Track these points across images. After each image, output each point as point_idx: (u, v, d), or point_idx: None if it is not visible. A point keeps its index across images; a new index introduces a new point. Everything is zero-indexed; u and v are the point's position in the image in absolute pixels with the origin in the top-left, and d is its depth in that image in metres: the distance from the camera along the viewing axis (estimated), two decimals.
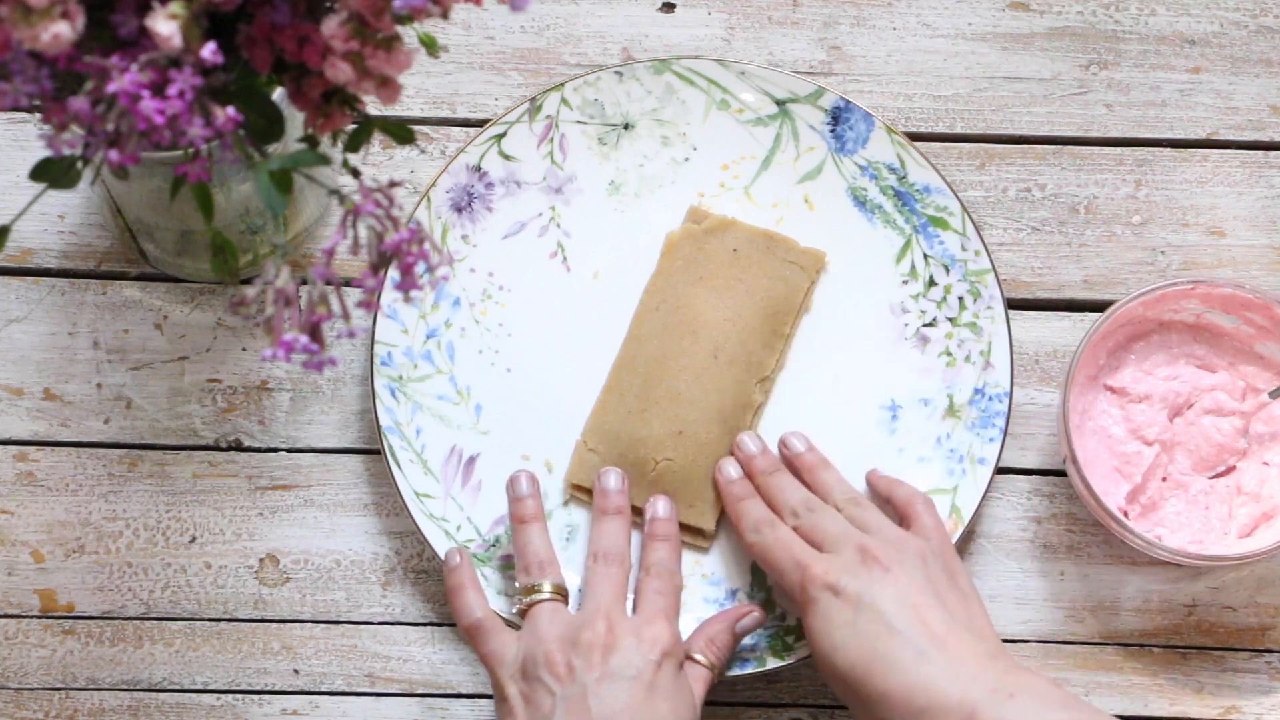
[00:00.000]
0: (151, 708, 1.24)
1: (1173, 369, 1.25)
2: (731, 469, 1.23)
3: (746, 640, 1.23)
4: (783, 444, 1.23)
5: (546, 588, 1.19)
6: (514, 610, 1.20)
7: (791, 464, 1.23)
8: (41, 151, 0.95)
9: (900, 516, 1.21)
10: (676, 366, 1.24)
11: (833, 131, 1.27)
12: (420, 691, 1.25)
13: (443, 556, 1.22)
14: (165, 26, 0.90)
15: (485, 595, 1.21)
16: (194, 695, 1.25)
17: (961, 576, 1.17)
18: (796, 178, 1.28)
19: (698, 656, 1.19)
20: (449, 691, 1.25)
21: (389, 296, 1.25)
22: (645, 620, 1.17)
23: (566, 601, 1.20)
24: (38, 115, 0.95)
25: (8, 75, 0.92)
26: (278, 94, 1.02)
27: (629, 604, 1.20)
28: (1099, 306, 1.28)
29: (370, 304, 1.00)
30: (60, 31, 0.89)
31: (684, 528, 1.24)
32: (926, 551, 1.16)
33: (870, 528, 1.18)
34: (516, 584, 1.20)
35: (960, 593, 1.15)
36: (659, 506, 1.22)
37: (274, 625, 1.25)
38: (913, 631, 1.11)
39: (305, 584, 1.26)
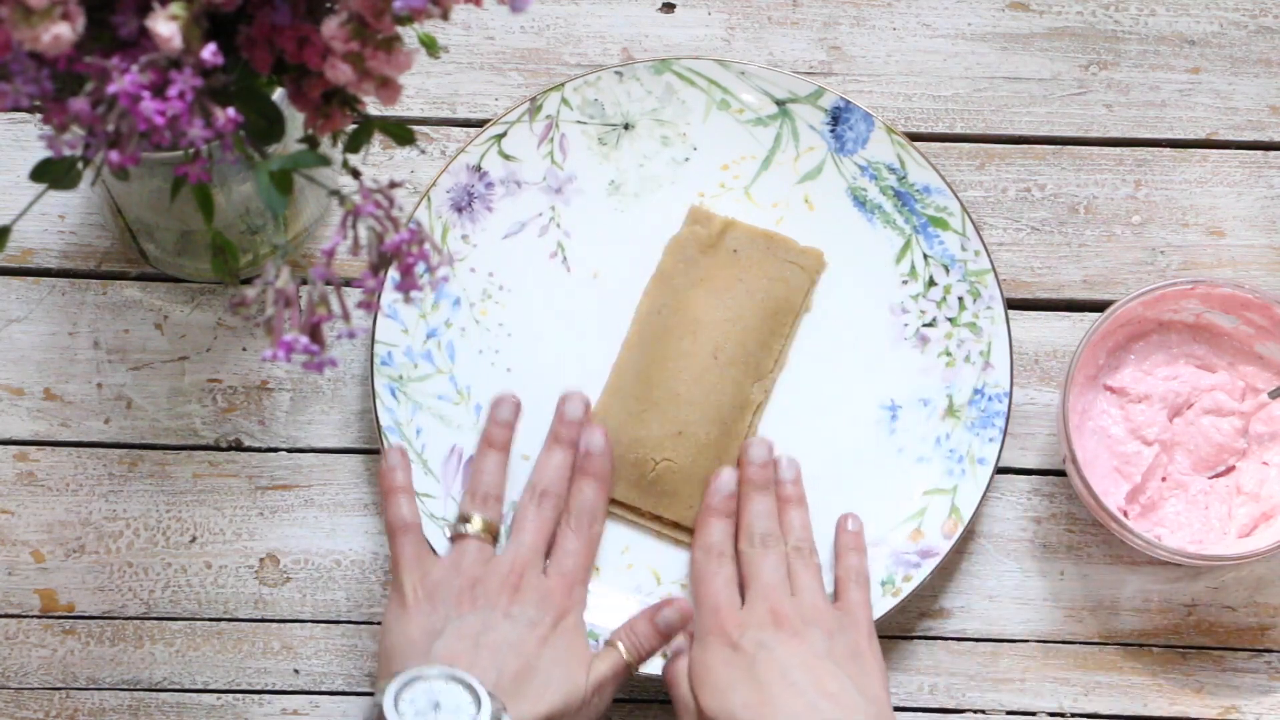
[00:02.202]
0: (151, 708, 1.25)
1: (1172, 369, 1.25)
2: (726, 482, 1.23)
3: None
4: (775, 462, 1.24)
5: (477, 523, 1.20)
6: (445, 534, 1.22)
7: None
8: (42, 152, 0.95)
9: (836, 587, 1.22)
10: (676, 367, 1.24)
11: (833, 131, 1.27)
12: None
13: (383, 454, 1.22)
14: (165, 27, 0.90)
15: (418, 505, 1.21)
16: (194, 695, 1.25)
17: (868, 656, 1.19)
18: (796, 178, 1.28)
19: (617, 643, 1.20)
20: None
21: (389, 297, 1.25)
22: (552, 588, 1.19)
23: (494, 541, 1.21)
24: (38, 116, 0.95)
25: (8, 76, 0.92)
26: (278, 95, 1.02)
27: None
28: (1099, 306, 1.28)
29: (370, 304, 1.00)
30: (60, 32, 0.89)
31: (683, 529, 1.25)
32: (835, 628, 1.19)
33: (799, 589, 1.20)
34: (457, 505, 1.22)
35: (860, 665, 1.18)
36: (595, 440, 1.23)
37: (274, 625, 1.25)
38: (807, 685, 1.15)
39: (305, 584, 1.26)
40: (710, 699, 1.16)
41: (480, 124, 1.29)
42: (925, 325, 1.27)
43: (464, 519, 1.21)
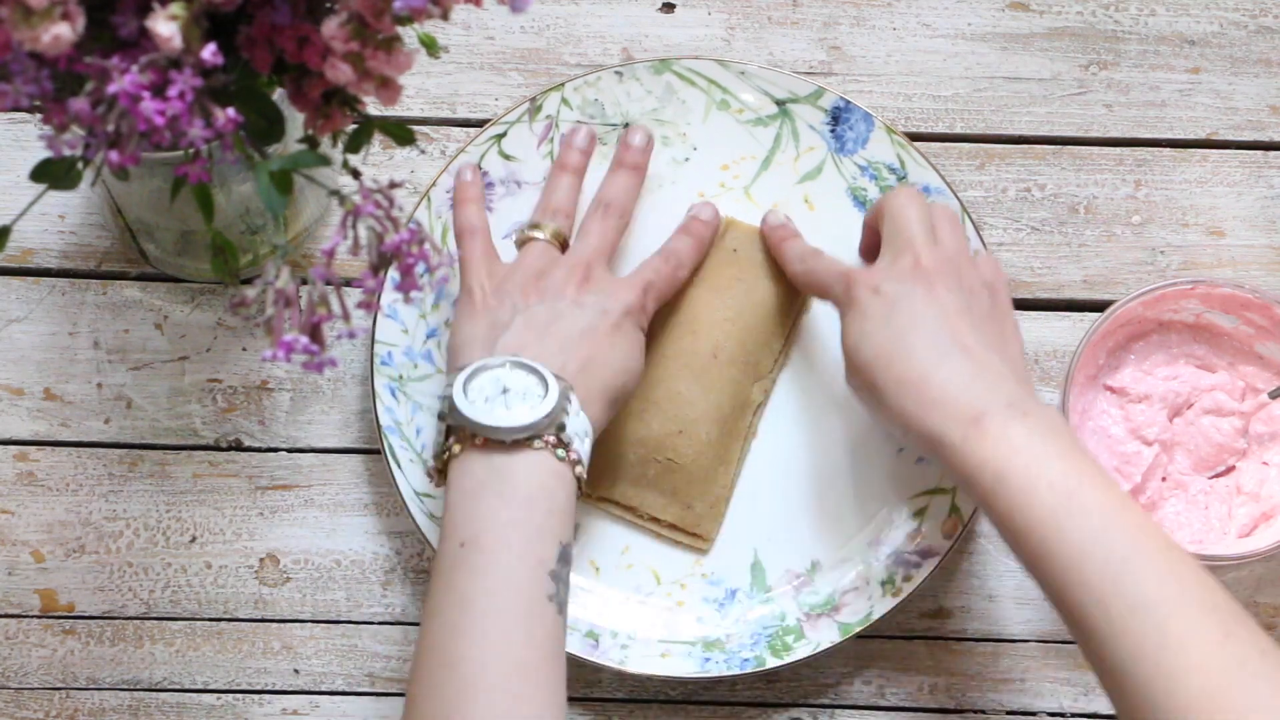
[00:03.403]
0: (151, 708, 1.25)
1: (1172, 369, 1.25)
2: (776, 215, 1.25)
3: (746, 640, 1.23)
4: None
5: (548, 230, 1.21)
6: (512, 238, 1.24)
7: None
8: (42, 152, 0.95)
9: None
10: (676, 366, 1.24)
11: (833, 131, 1.27)
12: None
13: (457, 172, 1.24)
14: (165, 27, 0.90)
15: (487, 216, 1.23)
16: (194, 695, 1.25)
17: (1008, 318, 1.16)
18: (796, 178, 1.28)
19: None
20: None
21: (389, 297, 1.25)
22: (621, 283, 1.19)
23: (563, 249, 1.21)
24: (38, 116, 0.95)
25: (8, 76, 0.92)
26: (278, 95, 1.02)
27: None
28: (1099, 306, 1.28)
29: (370, 304, 1.00)
30: (60, 33, 0.89)
31: (681, 530, 1.25)
32: (978, 283, 1.16)
33: (941, 238, 1.17)
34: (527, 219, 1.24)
35: (1000, 327, 1.15)
36: (635, 135, 1.25)
37: (274, 625, 1.25)
38: (942, 334, 1.12)
39: (305, 584, 1.26)
40: (848, 355, 1.14)
41: (480, 124, 1.29)
42: None
43: (535, 226, 1.21)
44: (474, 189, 1.24)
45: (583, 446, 1.11)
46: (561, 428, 1.10)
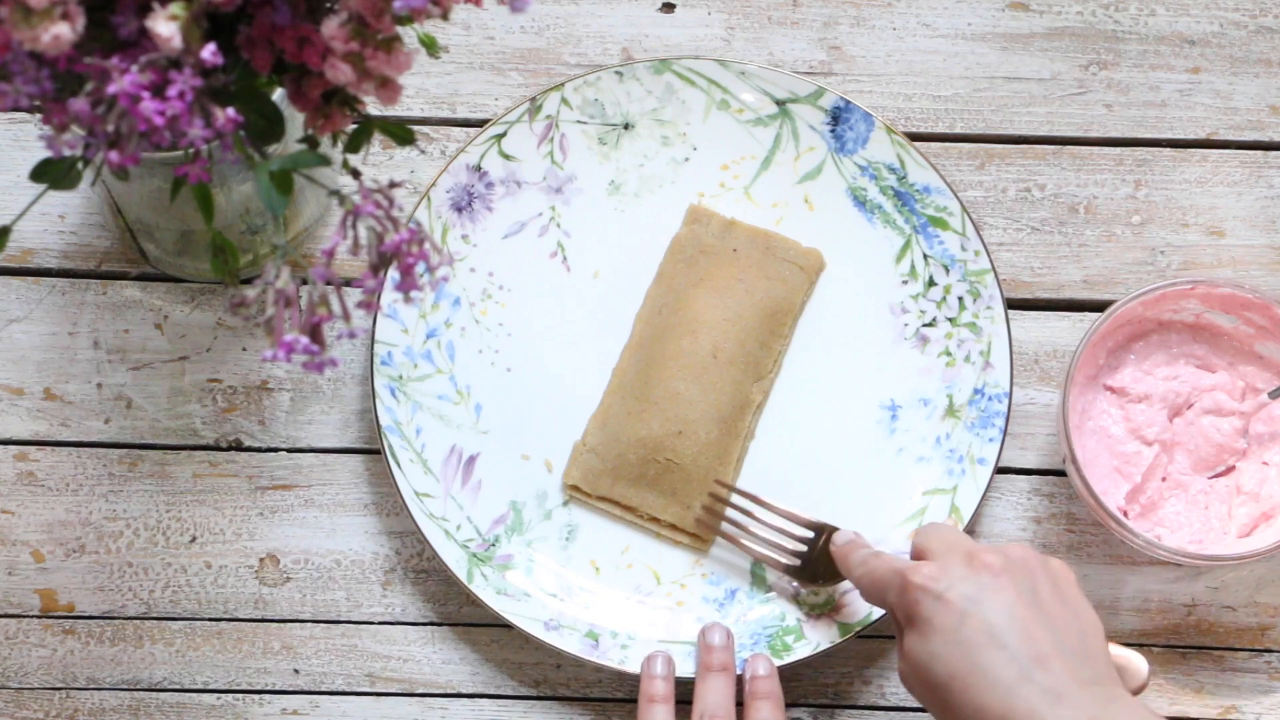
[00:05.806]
0: (151, 708, 1.25)
1: (1172, 369, 1.25)
2: (845, 533, 1.21)
3: (746, 638, 1.23)
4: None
5: None
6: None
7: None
8: (42, 152, 0.95)
9: None
10: (676, 366, 1.24)
11: (833, 131, 1.27)
12: (420, 691, 1.25)
13: (647, 661, 1.22)
14: (165, 28, 0.90)
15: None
16: (194, 695, 1.25)
17: (1071, 588, 1.10)
18: (796, 178, 1.28)
19: None
20: (449, 691, 1.25)
21: (389, 297, 1.25)
22: None
23: None
24: (38, 116, 0.95)
25: (8, 76, 0.92)
26: (278, 95, 1.02)
27: None
28: (1099, 306, 1.28)
29: (370, 304, 1.00)
30: (60, 33, 0.89)
31: (681, 530, 1.25)
32: (1034, 562, 1.10)
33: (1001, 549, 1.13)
34: None
35: (1070, 609, 1.09)
36: (759, 665, 1.22)
37: (274, 625, 1.25)
38: (1018, 648, 1.06)
39: (305, 584, 1.26)
40: (915, 670, 1.08)
41: (480, 124, 1.29)
42: (925, 325, 1.27)
43: None
44: (663, 685, 1.21)
45: None
46: None
